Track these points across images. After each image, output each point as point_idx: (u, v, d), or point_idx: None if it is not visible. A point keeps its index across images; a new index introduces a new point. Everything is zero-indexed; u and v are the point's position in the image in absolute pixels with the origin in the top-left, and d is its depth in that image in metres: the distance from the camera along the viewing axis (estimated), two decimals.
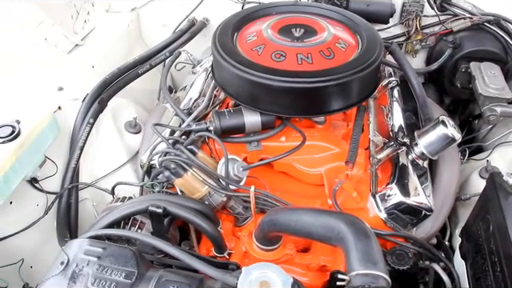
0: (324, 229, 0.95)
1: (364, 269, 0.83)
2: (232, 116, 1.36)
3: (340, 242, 0.91)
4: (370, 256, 0.85)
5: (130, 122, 1.70)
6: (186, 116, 1.44)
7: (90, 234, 0.90)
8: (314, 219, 0.98)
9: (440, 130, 1.30)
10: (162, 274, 0.80)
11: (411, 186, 1.31)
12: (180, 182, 1.26)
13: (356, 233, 0.88)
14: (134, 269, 0.79)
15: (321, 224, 0.96)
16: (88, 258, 0.81)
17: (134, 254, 0.82)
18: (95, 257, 0.81)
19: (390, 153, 1.39)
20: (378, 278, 0.82)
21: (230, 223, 1.36)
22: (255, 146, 1.41)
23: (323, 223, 0.95)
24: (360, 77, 1.28)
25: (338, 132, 1.51)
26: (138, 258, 0.81)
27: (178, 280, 0.78)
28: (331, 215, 0.96)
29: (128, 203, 1.18)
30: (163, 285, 0.77)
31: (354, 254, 0.85)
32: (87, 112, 1.48)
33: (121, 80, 1.61)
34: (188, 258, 0.83)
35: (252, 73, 1.27)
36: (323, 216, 0.97)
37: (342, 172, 1.39)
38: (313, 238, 1.01)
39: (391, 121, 1.52)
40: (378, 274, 0.82)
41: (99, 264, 0.79)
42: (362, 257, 0.84)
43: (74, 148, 1.44)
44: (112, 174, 1.58)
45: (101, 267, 0.79)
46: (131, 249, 0.84)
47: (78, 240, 0.86)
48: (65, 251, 0.82)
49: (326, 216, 0.96)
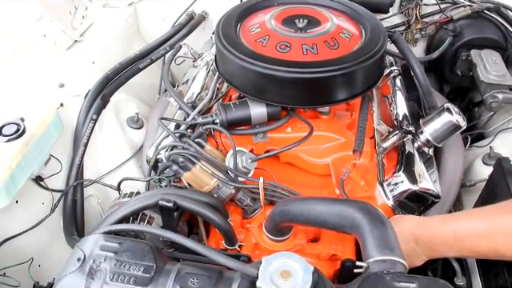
0: (338, 217, 0.95)
1: (381, 255, 0.83)
2: (238, 108, 1.35)
3: (355, 230, 0.91)
4: (387, 242, 0.85)
5: (132, 118, 1.69)
6: (191, 109, 1.44)
7: (104, 230, 0.89)
8: (327, 208, 0.98)
9: (445, 117, 1.31)
10: (180, 266, 0.80)
11: (418, 173, 1.31)
12: (188, 175, 1.26)
13: (372, 220, 0.89)
14: (152, 263, 0.79)
15: (335, 213, 0.96)
16: (105, 254, 0.80)
17: (150, 247, 0.81)
18: (112, 252, 0.80)
19: (395, 141, 1.40)
20: (395, 264, 0.83)
21: (238, 215, 1.35)
22: (261, 138, 1.41)
23: (337, 212, 0.95)
24: (365, 66, 1.28)
25: (343, 122, 1.51)
26: (155, 252, 0.81)
27: (197, 272, 0.78)
28: (345, 203, 0.96)
29: (137, 198, 1.17)
30: (183, 277, 0.77)
31: (371, 241, 0.86)
32: (90, 108, 1.47)
33: (122, 75, 1.60)
34: (207, 251, 0.82)
35: (258, 64, 1.26)
36: (337, 204, 0.97)
37: (349, 161, 1.39)
38: (326, 227, 1.01)
39: (395, 109, 1.52)
40: (395, 260, 0.83)
41: (116, 259, 0.79)
42: (379, 243, 0.85)
43: (77, 145, 1.43)
44: (116, 170, 1.57)
45: (118, 262, 0.78)
46: (148, 243, 0.83)
47: (93, 236, 0.85)
48: (80, 248, 0.81)
49: (340, 204, 0.96)
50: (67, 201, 1.40)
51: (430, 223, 1.05)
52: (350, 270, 1.24)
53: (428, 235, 1.02)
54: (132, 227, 0.94)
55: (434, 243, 1.01)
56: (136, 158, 1.62)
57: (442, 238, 1.00)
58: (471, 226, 0.98)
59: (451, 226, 1.00)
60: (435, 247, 1.01)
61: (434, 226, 1.03)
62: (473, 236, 0.97)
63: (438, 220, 1.07)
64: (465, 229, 0.98)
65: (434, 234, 1.01)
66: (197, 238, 1.34)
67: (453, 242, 0.98)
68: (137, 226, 0.96)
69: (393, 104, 1.56)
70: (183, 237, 0.86)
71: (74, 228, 1.37)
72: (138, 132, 1.68)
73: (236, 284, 0.77)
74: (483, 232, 0.96)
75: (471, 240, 0.97)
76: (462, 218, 1.04)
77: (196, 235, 1.38)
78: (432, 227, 1.03)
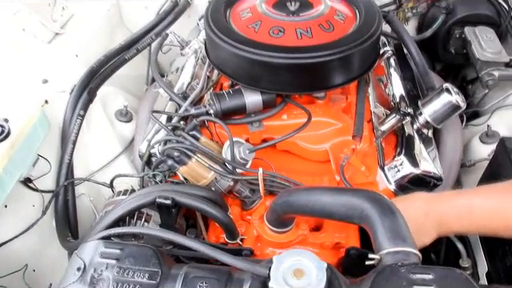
0: (345, 208, 0.92)
1: (394, 246, 0.80)
2: (232, 97, 1.31)
3: (364, 221, 0.88)
4: (399, 233, 0.82)
5: (121, 111, 1.63)
6: (182, 100, 1.38)
7: (102, 235, 0.85)
8: (333, 198, 0.95)
9: (445, 98, 1.28)
10: (187, 270, 0.76)
11: (419, 156, 1.29)
12: (185, 169, 1.21)
13: (381, 210, 0.86)
14: (156, 268, 0.75)
15: (341, 203, 0.92)
16: (106, 261, 0.76)
17: (154, 252, 0.77)
18: (113, 259, 0.76)
19: (394, 124, 1.37)
20: (409, 255, 0.80)
21: (237, 207, 1.32)
22: (257, 127, 1.37)
23: (344, 202, 0.92)
24: (363, 48, 1.24)
25: (338, 106, 1.47)
26: (159, 256, 0.77)
27: (205, 275, 0.74)
28: (352, 193, 0.93)
29: (133, 196, 1.12)
30: (191, 282, 0.73)
31: (382, 232, 0.83)
32: (76, 104, 1.40)
33: (108, 68, 1.53)
34: (214, 253, 0.78)
35: (252, 51, 1.21)
36: (344, 194, 0.94)
37: (347, 147, 1.36)
38: (333, 218, 0.98)
39: (391, 91, 1.49)
40: (409, 251, 0.80)
41: (119, 266, 0.75)
42: (391, 234, 0.82)
43: (66, 143, 1.37)
44: (107, 166, 1.52)
45: (121, 270, 0.74)
46: (151, 247, 0.79)
47: (92, 242, 0.81)
48: (79, 256, 0.77)
49: (347, 194, 0.93)
50: (59, 201, 1.34)
51: (442, 197, 1.03)
52: (354, 258, 1.22)
53: (439, 209, 1.00)
54: (133, 230, 0.89)
55: (445, 217, 0.99)
56: (127, 153, 1.57)
57: (454, 212, 0.98)
58: (484, 201, 0.97)
59: (463, 201, 0.99)
60: (446, 221, 1.00)
61: (446, 200, 1.02)
62: (485, 211, 0.96)
63: (449, 195, 1.06)
64: (477, 204, 0.97)
65: (446, 208, 1.00)
66: (195, 232, 1.30)
67: (465, 216, 0.97)
68: (138, 228, 0.92)
69: (388, 85, 1.53)
70: (190, 239, 0.83)
71: (68, 229, 1.32)
72: (127, 125, 1.62)
73: (247, 285, 0.74)
74: (496, 208, 0.95)
75: (484, 215, 0.96)
76: (473, 194, 1.03)
77: (193, 228, 1.34)
78: (444, 201, 1.01)
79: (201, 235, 1.30)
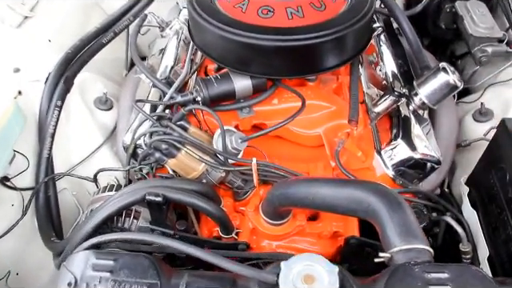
0: (349, 202, 0.87)
1: (406, 243, 0.77)
2: (220, 82, 1.23)
3: (371, 216, 0.84)
4: (409, 228, 0.78)
5: (100, 98, 1.53)
6: (167, 87, 1.30)
7: (91, 243, 0.78)
8: (335, 191, 0.90)
9: (442, 78, 1.23)
10: (188, 279, 0.70)
11: (417, 139, 1.25)
12: (173, 162, 1.15)
13: (389, 204, 0.81)
14: (155, 279, 0.69)
15: (345, 196, 0.88)
16: (99, 275, 0.69)
17: (151, 261, 0.71)
18: (107, 271, 0.70)
19: (389, 105, 1.32)
20: (421, 252, 0.76)
21: (229, 198, 1.26)
22: (247, 113, 1.30)
23: (348, 195, 0.87)
24: (357, 28, 1.18)
25: (329, 87, 1.42)
26: (157, 266, 0.70)
27: (208, 285, 0.69)
28: (356, 186, 0.88)
29: (121, 194, 1.06)
30: None
31: (392, 228, 0.79)
32: (52, 94, 1.31)
33: (84, 53, 1.43)
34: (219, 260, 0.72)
35: (240, 33, 1.14)
36: (347, 187, 0.89)
37: (341, 130, 1.31)
38: (336, 211, 0.93)
39: (383, 70, 1.44)
40: (421, 248, 0.76)
41: (114, 280, 0.68)
42: (401, 230, 0.78)
43: (43, 136, 1.28)
44: (89, 158, 1.43)
45: (116, 283, 0.68)
46: (147, 256, 0.73)
47: (81, 253, 0.74)
48: (69, 269, 0.70)
49: (351, 187, 0.88)
50: (39, 199, 1.26)
51: None
52: (354, 247, 1.19)
53: None
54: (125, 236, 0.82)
55: None
56: (109, 143, 1.48)
57: None
58: None
59: None
60: None
61: None
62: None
63: None
64: None
65: None
66: (185, 224, 1.24)
67: None
68: (131, 234, 0.84)
69: (380, 64, 1.48)
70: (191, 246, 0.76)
71: (51, 229, 1.24)
72: (108, 114, 1.53)
73: None
74: None
75: None
76: None
77: (183, 220, 1.27)
78: None
79: (192, 228, 1.24)
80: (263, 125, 1.35)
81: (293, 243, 1.19)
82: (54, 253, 1.16)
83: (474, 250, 1.18)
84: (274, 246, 1.18)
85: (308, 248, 1.20)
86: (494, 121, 1.49)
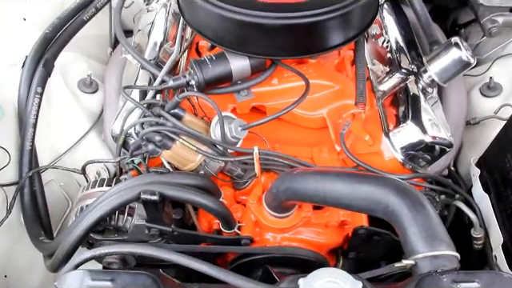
0: (366, 201, 0.80)
1: (431, 249, 0.70)
2: (215, 64, 1.13)
3: (391, 217, 0.77)
4: (435, 232, 0.72)
5: (85, 80, 1.42)
6: (157, 69, 1.20)
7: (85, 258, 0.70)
8: (351, 189, 0.82)
9: (454, 54, 1.15)
10: None
11: (427, 120, 1.16)
12: (168, 154, 1.06)
13: (412, 205, 0.74)
14: None
15: (362, 195, 0.80)
16: None
17: (153, 280, 0.64)
18: None
19: (396, 83, 1.24)
20: (449, 259, 0.70)
21: (229, 188, 1.19)
22: (246, 95, 1.21)
23: (365, 194, 0.80)
24: (364, 2, 1.08)
25: (330, 63, 1.33)
26: (160, 285, 0.63)
27: None
28: (374, 183, 0.80)
29: (114, 191, 0.98)
30: None
31: (415, 232, 0.72)
32: (31, 79, 1.19)
33: (64, 32, 1.30)
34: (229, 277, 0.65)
35: (237, 10, 1.03)
36: (363, 184, 0.81)
37: (346, 112, 1.23)
38: (350, 209, 0.87)
39: (389, 44, 1.34)
40: (449, 254, 0.70)
41: None
42: (426, 234, 0.71)
43: (24, 127, 1.17)
44: (76, 146, 1.34)
45: None
46: (149, 274, 0.65)
47: (74, 273, 0.66)
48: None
49: (368, 184, 0.81)
50: (24, 195, 1.17)
51: None
52: (363, 237, 1.13)
53: None
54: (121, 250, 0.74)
55: None
56: (97, 129, 1.38)
57: None
58: None
59: None
60: None
61: None
62: None
63: None
64: None
65: None
66: (181, 212, 1.17)
67: None
68: (129, 247, 0.75)
69: (383, 36, 1.38)
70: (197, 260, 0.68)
71: (40, 226, 1.15)
72: (93, 97, 1.42)
73: None
74: None
75: None
76: None
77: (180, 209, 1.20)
78: None
79: (190, 220, 1.17)
80: (262, 107, 1.26)
81: (298, 234, 1.13)
82: (43, 254, 1.08)
83: (486, 235, 1.14)
84: (278, 238, 1.12)
85: (314, 238, 1.14)
86: (503, 96, 1.42)
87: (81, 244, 0.97)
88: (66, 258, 0.98)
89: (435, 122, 1.16)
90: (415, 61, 1.26)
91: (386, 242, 1.14)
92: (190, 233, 1.08)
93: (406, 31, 1.39)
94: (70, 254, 0.97)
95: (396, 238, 1.11)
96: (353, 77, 1.26)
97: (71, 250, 0.96)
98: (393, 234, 1.11)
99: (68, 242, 0.94)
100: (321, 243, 1.14)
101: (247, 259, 1.08)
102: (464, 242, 1.11)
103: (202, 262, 0.67)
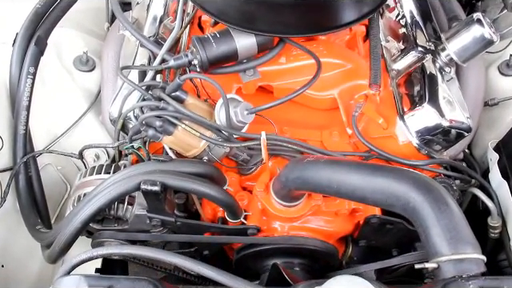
0: (384, 196, 0.74)
1: (456, 252, 0.65)
2: (219, 42, 1.05)
3: (410, 214, 0.71)
4: (460, 233, 0.66)
5: (81, 58, 1.34)
6: (157, 47, 1.12)
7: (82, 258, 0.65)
8: (367, 181, 0.76)
9: (476, 31, 1.06)
10: None
11: (445, 102, 1.09)
12: (170, 140, 1.00)
13: (435, 202, 0.68)
14: None
15: (379, 190, 0.74)
16: None
17: (154, 286, 0.59)
18: None
19: (412, 62, 1.16)
20: (474, 262, 0.64)
21: (234, 174, 1.13)
22: (252, 75, 1.14)
23: (382, 189, 0.74)
24: None
25: (341, 40, 1.24)
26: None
27: None
28: (393, 176, 0.74)
29: (113, 181, 0.92)
30: None
31: (439, 233, 0.66)
32: (23, 58, 1.12)
33: (57, 6, 1.21)
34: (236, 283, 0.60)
35: None
36: (381, 177, 0.75)
37: (358, 92, 1.17)
38: (365, 203, 0.81)
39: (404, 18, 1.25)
40: (475, 258, 0.64)
41: None
42: (450, 236, 0.66)
43: (17, 110, 1.11)
44: (73, 128, 1.27)
45: None
46: (150, 279, 0.60)
47: (69, 278, 0.61)
48: None
49: (386, 177, 0.74)
50: (19, 181, 1.12)
51: None
52: (375, 226, 1.08)
53: None
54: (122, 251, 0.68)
55: None
56: (95, 110, 1.31)
57: None
58: None
59: None
60: None
61: None
62: None
63: None
64: None
65: None
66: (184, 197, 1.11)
67: None
68: (131, 248, 0.69)
69: (398, 9, 1.28)
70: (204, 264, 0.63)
71: (37, 214, 1.10)
72: (90, 75, 1.34)
73: None
74: None
75: None
76: None
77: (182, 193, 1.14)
78: None
79: (193, 206, 1.12)
80: (269, 87, 1.19)
81: (307, 223, 1.08)
82: (41, 244, 1.04)
83: (503, 224, 1.09)
84: (286, 227, 1.07)
85: (323, 227, 1.09)
86: None
87: (79, 236, 0.92)
88: (64, 250, 0.94)
89: (454, 104, 1.09)
90: (432, 38, 1.18)
91: (399, 230, 1.10)
92: (193, 223, 1.03)
93: (422, 5, 1.30)
94: (67, 245, 0.93)
95: (409, 226, 1.07)
96: (365, 54, 1.18)
97: (69, 241, 0.92)
98: (406, 222, 1.06)
99: (66, 233, 0.90)
100: (330, 232, 1.09)
101: (254, 249, 1.04)
102: (477, 230, 1.06)
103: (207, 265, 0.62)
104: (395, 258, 1.07)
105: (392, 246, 1.19)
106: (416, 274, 1.04)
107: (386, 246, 1.18)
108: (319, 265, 1.12)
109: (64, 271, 0.64)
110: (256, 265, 1.10)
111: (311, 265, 1.09)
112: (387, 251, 1.19)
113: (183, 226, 1.02)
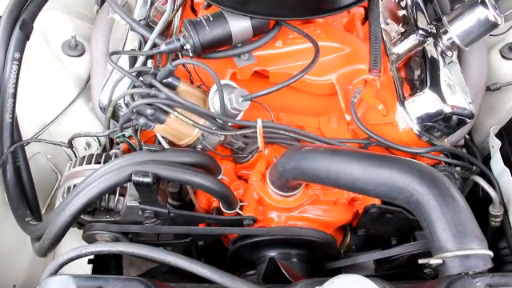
0: (386, 188, 0.71)
1: (462, 248, 0.62)
2: (213, 25, 1.00)
3: (414, 207, 0.68)
4: (466, 227, 0.63)
5: (69, 42, 1.29)
6: (148, 31, 1.07)
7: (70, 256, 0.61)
8: (369, 172, 0.73)
9: (480, 13, 1.03)
10: None
11: (446, 87, 1.06)
12: (162, 128, 0.96)
13: (441, 195, 0.65)
14: None
15: (381, 181, 0.71)
16: None
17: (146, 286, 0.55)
18: None
19: (412, 46, 1.12)
20: (481, 258, 0.62)
21: (229, 162, 1.10)
22: (247, 60, 1.09)
23: (384, 180, 0.71)
24: None
25: (339, 22, 1.20)
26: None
27: None
28: (396, 167, 0.71)
29: (103, 172, 0.88)
30: None
31: (444, 228, 0.63)
32: (8, 44, 1.06)
33: None
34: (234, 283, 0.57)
35: None
36: (383, 168, 0.72)
37: (357, 77, 1.13)
38: (368, 195, 0.78)
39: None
40: (482, 254, 0.62)
41: None
42: (456, 230, 0.63)
43: (3, 98, 1.06)
44: (62, 115, 1.23)
45: None
46: (141, 279, 0.57)
47: (56, 279, 0.58)
48: None
49: (388, 169, 0.71)
50: (7, 171, 1.07)
51: None
52: (375, 216, 1.05)
53: None
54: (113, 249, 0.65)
55: None
56: (85, 96, 1.27)
57: None
58: None
59: None
60: None
61: None
62: None
63: None
64: None
65: None
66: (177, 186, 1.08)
67: None
68: (123, 246, 0.65)
69: None
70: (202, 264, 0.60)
71: (26, 206, 1.07)
72: (79, 60, 1.29)
73: None
74: None
75: None
76: None
77: None
78: None
79: (187, 196, 1.08)
80: (265, 72, 1.15)
81: (304, 213, 1.05)
82: (31, 236, 1.01)
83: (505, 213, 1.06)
84: (283, 218, 1.04)
85: (321, 217, 1.06)
86: None
87: (69, 229, 0.89)
88: (54, 244, 0.91)
89: (456, 90, 1.06)
90: (434, 20, 1.14)
91: (399, 219, 1.07)
92: (187, 214, 1.00)
93: None
94: (57, 239, 0.90)
95: (409, 215, 1.05)
96: (364, 38, 1.14)
97: (59, 235, 0.89)
98: (406, 211, 1.04)
99: (55, 227, 0.87)
100: (329, 221, 1.07)
101: (250, 241, 1.01)
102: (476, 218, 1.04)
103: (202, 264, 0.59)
104: (395, 248, 1.05)
105: (391, 234, 1.17)
106: (416, 263, 1.02)
107: (385, 234, 1.16)
108: (317, 255, 1.09)
109: (50, 270, 0.61)
110: (252, 255, 1.07)
111: (309, 255, 1.07)
112: (386, 240, 1.17)
113: (177, 217, 0.98)
